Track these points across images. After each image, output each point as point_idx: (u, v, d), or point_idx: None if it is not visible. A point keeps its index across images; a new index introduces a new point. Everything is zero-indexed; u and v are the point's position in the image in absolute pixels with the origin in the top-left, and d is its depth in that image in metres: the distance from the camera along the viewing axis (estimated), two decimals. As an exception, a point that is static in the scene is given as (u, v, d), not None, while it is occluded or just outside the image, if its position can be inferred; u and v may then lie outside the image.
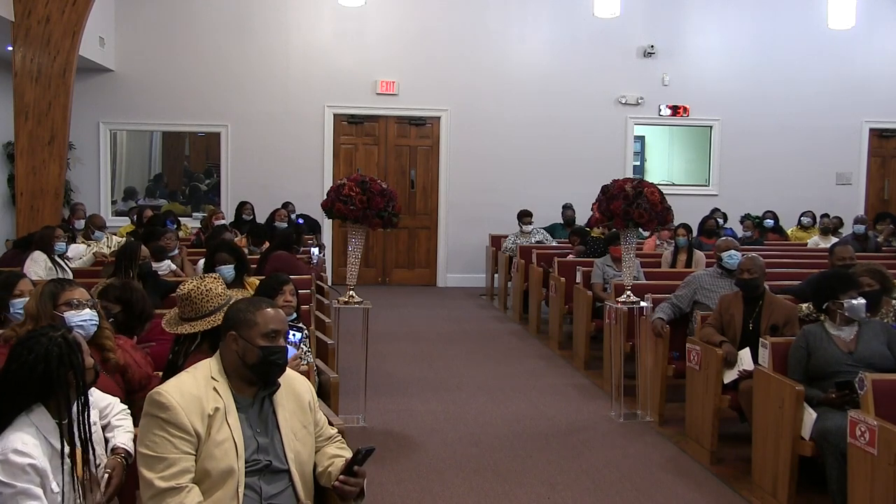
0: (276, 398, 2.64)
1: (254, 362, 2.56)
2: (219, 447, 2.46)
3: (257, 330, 2.57)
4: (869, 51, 12.27)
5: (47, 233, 6.60)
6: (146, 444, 2.43)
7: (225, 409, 2.51)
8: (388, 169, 11.74)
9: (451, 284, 11.82)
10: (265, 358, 2.56)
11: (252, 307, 2.63)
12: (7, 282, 3.88)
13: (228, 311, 2.68)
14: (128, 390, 3.29)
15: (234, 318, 2.62)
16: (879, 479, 3.43)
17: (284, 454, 2.59)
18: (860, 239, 9.02)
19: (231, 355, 2.59)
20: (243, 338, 2.57)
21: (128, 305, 3.89)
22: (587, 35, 11.76)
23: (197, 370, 2.60)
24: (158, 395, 2.46)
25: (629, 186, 5.53)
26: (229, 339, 2.59)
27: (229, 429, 2.49)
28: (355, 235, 5.63)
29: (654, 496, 4.44)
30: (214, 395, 2.52)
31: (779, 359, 4.39)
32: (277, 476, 2.57)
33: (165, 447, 2.41)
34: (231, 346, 2.58)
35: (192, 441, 2.43)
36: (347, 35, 11.46)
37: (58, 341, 2.43)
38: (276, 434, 2.60)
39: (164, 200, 11.88)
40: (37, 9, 7.73)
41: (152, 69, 11.22)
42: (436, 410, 5.88)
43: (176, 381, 2.54)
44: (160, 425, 2.42)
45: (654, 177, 13.09)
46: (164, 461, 2.39)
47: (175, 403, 2.44)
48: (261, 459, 2.54)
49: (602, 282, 7.23)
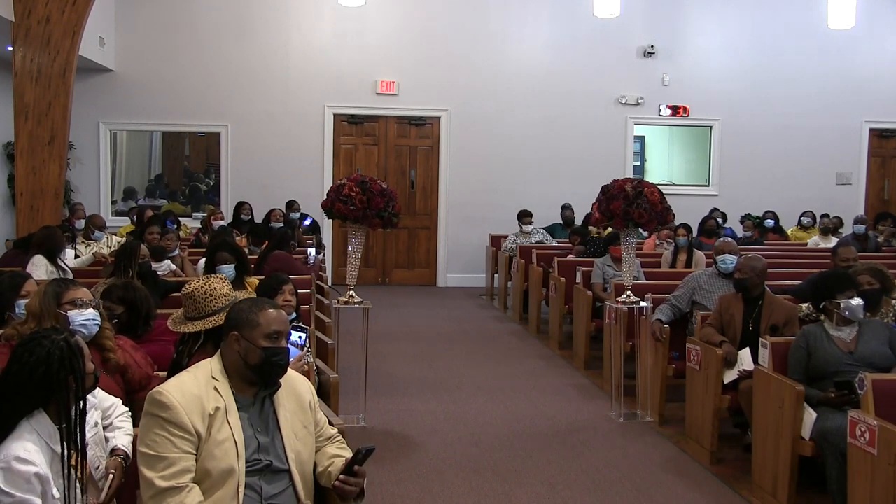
0: (276, 398, 2.64)
1: (255, 363, 2.56)
2: (219, 447, 2.46)
3: (260, 331, 2.57)
4: (869, 51, 12.27)
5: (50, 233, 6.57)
6: (147, 443, 2.42)
7: (226, 409, 2.51)
8: (388, 169, 11.74)
9: (451, 284, 11.82)
10: (267, 359, 2.56)
11: (255, 308, 2.62)
12: (13, 282, 3.89)
13: (231, 312, 2.68)
14: (128, 390, 3.29)
15: (236, 319, 2.61)
16: (879, 479, 3.43)
17: (285, 454, 2.59)
18: (860, 239, 9.03)
19: (233, 355, 2.58)
20: (245, 338, 2.56)
21: (132, 306, 3.89)
22: (587, 35, 11.76)
23: (198, 370, 2.59)
24: (159, 395, 2.45)
25: (629, 186, 5.53)
26: (231, 339, 2.59)
27: (230, 428, 2.49)
28: (355, 235, 5.63)
29: (654, 496, 4.44)
30: (215, 394, 2.52)
31: (779, 359, 4.39)
32: (278, 476, 2.57)
33: (166, 446, 2.40)
34: (233, 347, 2.58)
35: (192, 440, 2.43)
36: (347, 35, 11.46)
37: (60, 344, 2.42)
38: (277, 434, 2.60)
39: (164, 200, 11.88)
40: (37, 9, 7.73)
41: (152, 69, 11.23)
42: (436, 410, 5.88)
43: (176, 381, 2.54)
44: (161, 424, 2.42)
45: (654, 177, 13.10)
46: (164, 460, 2.39)
47: (176, 403, 2.43)
48: (261, 459, 2.54)
49: (602, 282, 7.23)
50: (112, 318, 3.80)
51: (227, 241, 6.16)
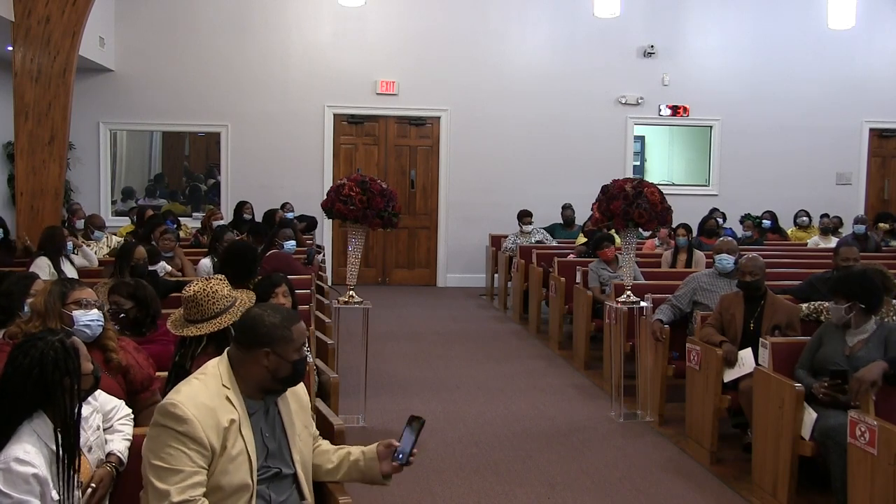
0: (281, 399, 2.63)
1: (285, 376, 2.54)
2: (233, 462, 2.43)
3: (292, 346, 2.53)
4: (869, 51, 12.28)
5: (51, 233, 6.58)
6: (161, 455, 2.37)
7: (240, 421, 2.47)
8: (388, 169, 11.74)
9: (451, 284, 11.82)
10: (297, 370, 2.55)
11: (286, 323, 2.54)
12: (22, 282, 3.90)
13: (259, 327, 2.53)
14: (130, 391, 3.29)
15: (269, 336, 2.51)
16: (879, 479, 3.43)
17: (291, 457, 2.59)
18: (860, 239, 9.02)
19: (259, 370, 2.51)
20: (278, 354, 2.51)
21: (141, 302, 3.91)
22: (587, 35, 11.76)
23: (207, 377, 2.52)
24: (174, 408, 2.39)
25: (629, 186, 5.53)
26: (260, 355, 2.50)
27: (244, 442, 2.46)
28: (355, 235, 5.63)
29: (654, 496, 4.44)
30: (228, 405, 2.47)
31: (779, 359, 4.39)
32: (284, 481, 2.58)
33: (181, 460, 2.35)
34: (261, 362, 2.50)
35: (207, 455, 2.39)
36: (347, 35, 11.46)
37: (54, 346, 2.41)
38: (283, 438, 2.59)
39: (164, 200, 11.88)
40: (37, 9, 7.72)
41: (152, 69, 11.23)
42: (436, 410, 5.88)
43: (188, 390, 2.47)
44: (176, 437, 2.37)
45: (654, 177, 13.10)
46: (179, 473, 2.35)
47: (192, 417, 2.38)
48: (270, 467, 2.53)
49: (599, 285, 7.23)
50: (120, 313, 3.82)
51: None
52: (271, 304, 2.59)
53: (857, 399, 3.84)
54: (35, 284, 3.88)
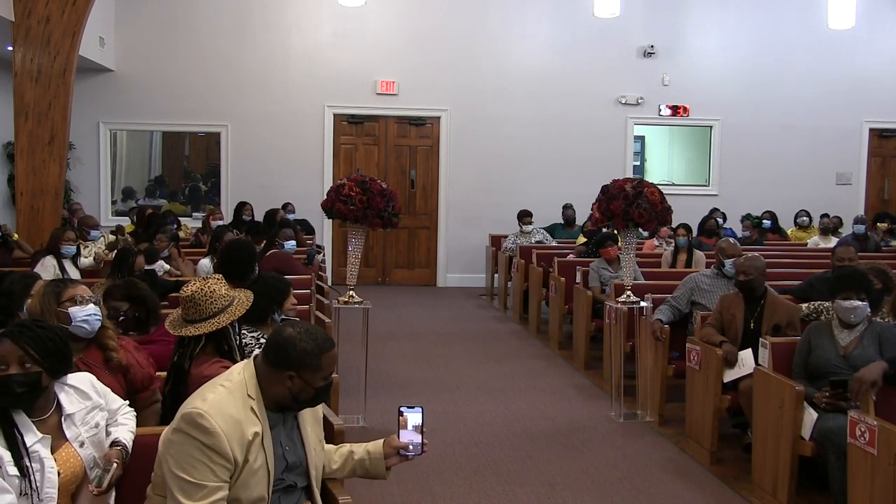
0: (300, 413, 2.61)
1: (306, 399, 2.50)
2: (254, 476, 2.41)
3: (320, 374, 2.47)
4: (869, 51, 12.28)
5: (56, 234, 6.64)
6: (184, 467, 2.32)
7: (262, 434, 2.44)
8: (388, 169, 11.75)
9: (451, 284, 11.82)
10: (318, 396, 2.52)
11: (318, 351, 2.46)
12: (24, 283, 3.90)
13: (290, 350, 2.45)
14: (130, 391, 3.29)
15: (298, 362, 2.44)
16: (879, 479, 3.43)
17: (307, 471, 2.59)
18: (860, 239, 9.03)
19: (281, 390, 2.46)
20: (303, 379, 2.45)
21: (138, 301, 3.90)
22: (587, 35, 11.76)
23: (232, 384, 2.46)
24: (201, 419, 2.34)
25: (629, 186, 5.53)
26: (284, 377, 2.44)
27: (265, 455, 2.43)
28: (355, 235, 5.63)
29: (654, 496, 4.44)
30: (252, 416, 2.43)
31: (779, 359, 4.39)
32: (294, 492, 2.58)
33: (205, 474, 2.32)
34: (284, 383, 2.45)
35: (230, 469, 2.36)
36: (347, 35, 11.46)
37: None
38: (303, 452, 2.58)
39: (164, 200, 11.88)
40: (37, 9, 7.72)
41: (152, 69, 11.23)
42: (436, 410, 5.88)
43: (215, 399, 2.40)
44: (201, 450, 2.33)
45: (654, 177, 13.10)
46: (203, 489, 2.31)
47: (219, 430, 2.33)
48: (285, 479, 2.52)
49: (599, 285, 7.23)
50: (118, 315, 3.82)
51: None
52: (309, 328, 2.50)
53: (857, 399, 3.84)
54: (38, 285, 3.88)
